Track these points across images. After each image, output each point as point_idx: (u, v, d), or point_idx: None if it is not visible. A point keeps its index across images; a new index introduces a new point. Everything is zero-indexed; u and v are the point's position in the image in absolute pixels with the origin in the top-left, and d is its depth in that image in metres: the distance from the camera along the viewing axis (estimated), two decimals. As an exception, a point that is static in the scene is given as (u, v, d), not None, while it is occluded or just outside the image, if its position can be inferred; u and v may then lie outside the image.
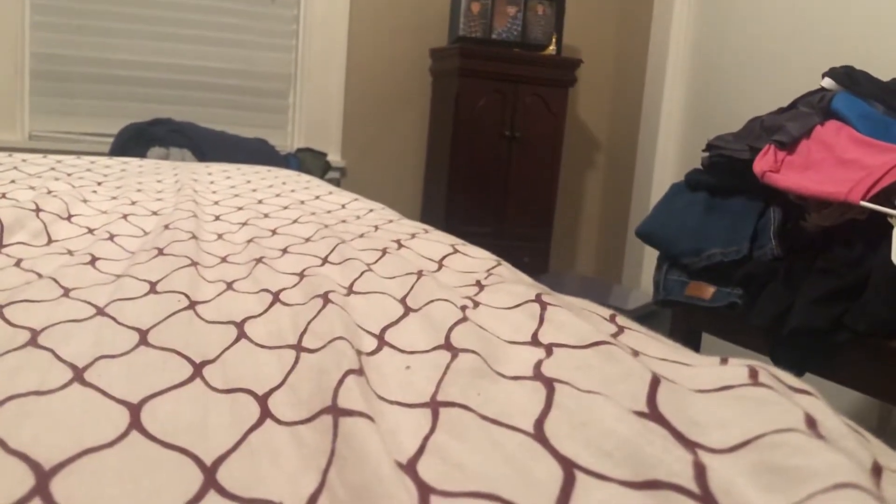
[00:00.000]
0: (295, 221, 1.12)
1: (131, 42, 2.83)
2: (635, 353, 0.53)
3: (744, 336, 1.52)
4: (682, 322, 1.71)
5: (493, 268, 0.84)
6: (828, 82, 1.63)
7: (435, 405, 0.47)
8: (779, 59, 2.55)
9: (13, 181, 1.31)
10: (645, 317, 2.80)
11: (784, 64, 2.52)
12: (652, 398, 0.45)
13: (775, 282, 1.42)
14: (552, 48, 3.02)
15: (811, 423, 0.40)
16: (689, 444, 0.40)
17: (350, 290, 0.72)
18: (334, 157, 3.06)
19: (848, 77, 1.61)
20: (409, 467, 0.40)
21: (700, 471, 0.37)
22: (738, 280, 1.50)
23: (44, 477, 0.37)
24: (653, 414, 0.43)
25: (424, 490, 0.38)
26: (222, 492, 0.39)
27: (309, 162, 2.81)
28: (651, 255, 2.98)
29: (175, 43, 2.88)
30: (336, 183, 3.01)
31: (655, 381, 0.46)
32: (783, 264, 1.43)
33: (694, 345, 1.68)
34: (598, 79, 3.45)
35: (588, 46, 3.39)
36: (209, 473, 0.40)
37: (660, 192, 2.57)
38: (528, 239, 3.02)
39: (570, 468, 0.39)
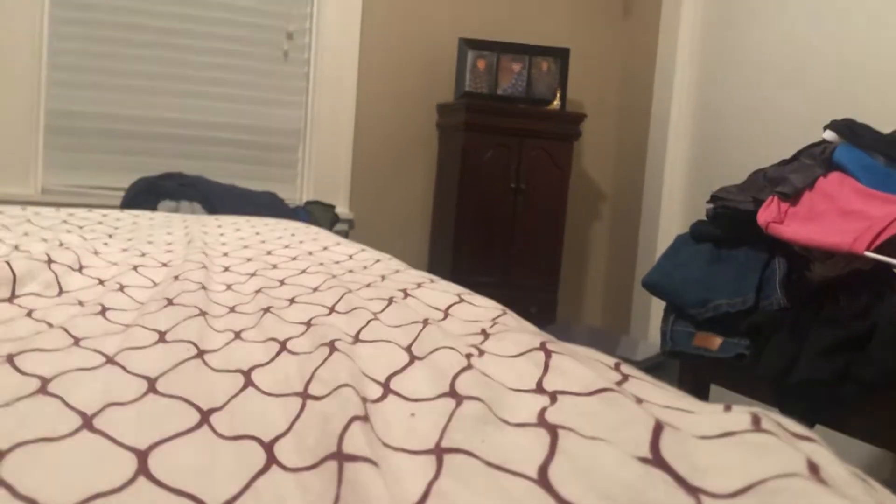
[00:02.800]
0: (303, 272, 1.13)
1: (144, 98, 2.89)
2: (639, 401, 0.54)
3: (752, 387, 1.51)
4: (691, 373, 1.70)
5: (498, 317, 0.85)
6: (829, 135, 1.65)
7: (439, 451, 0.47)
8: (781, 111, 2.58)
9: (26, 233, 1.33)
10: (653, 367, 2.78)
11: (786, 116, 2.55)
12: (655, 444, 0.45)
13: (781, 332, 1.42)
14: (556, 103, 3.07)
15: (813, 468, 0.41)
16: (692, 490, 0.40)
17: (356, 339, 0.73)
18: (342, 210, 3.09)
19: (849, 129, 1.64)
20: (414, 513, 0.40)
21: (703, 516, 0.37)
22: (744, 330, 1.50)
23: (52, 521, 0.38)
24: (656, 460, 0.43)
25: (428, 535, 0.38)
26: (228, 537, 0.39)
27: (318, 214, 2.84)
28: (658, 306, 2.97)
29: (187, 99, 2.95)
30: (344, 234, 3.03)
31: (658, 428, 0.46)
32: (789, 315, 1.43)
33: (702, 396, 1.67)
34: (602, 132, 3.50)
35: (592, 101, 3.44)
36: (215, 519, 0.40)
37: (665, 243, 2.58)
38: (534, 289, 3.02)
39: (573, 513, 0.39)
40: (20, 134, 2.70)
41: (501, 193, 2.97)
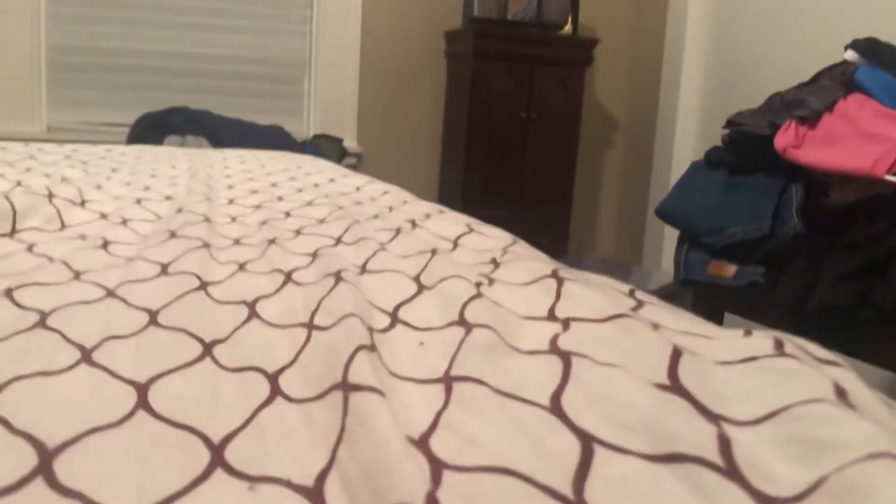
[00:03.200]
0: (309, 204, 1.11)
1: (147, 32, 2.82)
2: (655, 327, 0.52)
3: (767, 315, 1.50)
4: (705, 301, 1.69)
5: (509, 246, 0.82)
6: (850, 55, 1.59)
7: (448, 380, 0.46)
8: (800, 32, 2.49)
9: (29, 169, 1.31)
10: (667, 297, 2.76)
11: (805, 37, 2.47)
12: (673, 370, 0.43)
13: (798, 259, 1.40)
14: (568, 28, 2.98)
15: (841, 393, 0.39)
16: (713, 417, 0.38)
17: (363, 269, 0.71)
18: (350, 143, 3.04)
19: (871, 49, 1.57)
20: (422, 442, 0.39)
21: (725, 443, 0.36)
22: (760, 258, 1.47)
23: (47, 456, 0.37)
24: (674, 386, 0.41)
25: (437, 465, 0.37)
26: (229, 470, 0.38)
27: (326, 148, 2.80)
28: (672, 235, 2.94)
29: (189, 31, 2.88)
30: (353, 169, 3.00)
31: (676, 354, 0.45)
32: (806, 241, 1.40)
33: (716, 324, 1.66)
34: (615, 57, 3.40)
35: (604, 25, 3.34)
36: (216, 452, 0.39)
37: (680, 171, 2.54)
38: (546, 221, 2.99)
39: (588, 441, 0.37)
40: (23, 71, 2.66)
41: (512, 122, 2.91)
